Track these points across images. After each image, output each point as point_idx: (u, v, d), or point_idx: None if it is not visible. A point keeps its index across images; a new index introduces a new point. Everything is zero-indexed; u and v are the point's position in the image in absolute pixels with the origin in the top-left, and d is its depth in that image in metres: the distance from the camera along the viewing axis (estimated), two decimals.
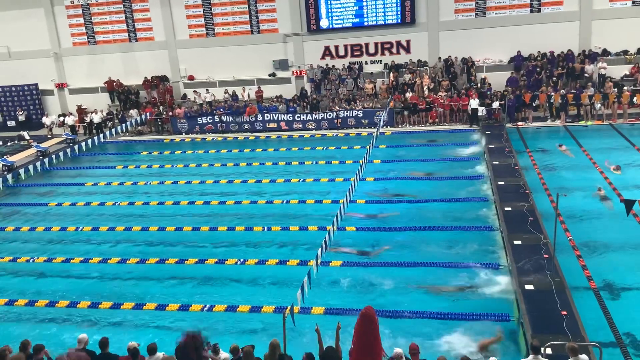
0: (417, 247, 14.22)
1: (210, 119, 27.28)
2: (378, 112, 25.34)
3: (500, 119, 24.23)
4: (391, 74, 27.62)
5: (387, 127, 25.22)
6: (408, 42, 27.95)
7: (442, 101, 25.38)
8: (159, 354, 8.28)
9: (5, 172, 22.66)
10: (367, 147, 19.74)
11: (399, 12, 27.44)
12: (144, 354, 8.38)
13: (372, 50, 28.41)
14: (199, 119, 27.43)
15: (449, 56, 27.21)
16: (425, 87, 26.59)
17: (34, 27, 30.47)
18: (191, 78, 30.26)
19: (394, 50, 28.21)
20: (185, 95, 29.93)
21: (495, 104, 24.37)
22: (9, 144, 27.95)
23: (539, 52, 26.42)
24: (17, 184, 22.15)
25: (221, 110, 27.39)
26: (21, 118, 31.12)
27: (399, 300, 11.81)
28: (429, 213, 16.08)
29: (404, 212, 16.32)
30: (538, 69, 25.88)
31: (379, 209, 16.78)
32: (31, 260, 15.00)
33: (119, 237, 16.30)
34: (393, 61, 27.97)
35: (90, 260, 14.65)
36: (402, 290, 12.28)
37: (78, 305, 12.54)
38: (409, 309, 11.27)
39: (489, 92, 24.99)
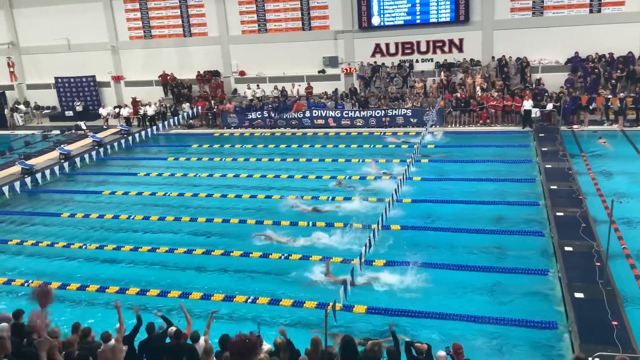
0: (463, 249, 13.99)
1: (259, 114, 27.60)
2: (427, 112, 25.05)
3: (555, 121, 23.54)
4: (442, 72, 27.24)
5: (436, 126, 24.90)
6: (461, 40, 27.48)
7: (494, 103, 24.85)
8: (201, 341, 8.44)
9: (62, 161, 23.55)
10: (415, 146, 19.59)
11: (452, 10, 27.00)
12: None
13: (423, 48, 28.07)
14: (248, 113, 27.79)
15: (503, 56, 26.61)
16: (477, 87, 26.10)
17: (92, 21, 31.49)
18: (242, 73, 30.66)
19: (446, 48, 27.79)
20: (235, 90, 30.36)
21: (550, 106, 23.68)
22: (66, 133, 29.00)
23: (597, 53, 25.50)
24: (73, 172, 23.03)
25: (270, 106, 27.66)
26: (79, 109, 32.23)
27: (442, 302, 11.64)
28: (476, 215, 15.79)
29: (450, 214, 16.09)
30: (596, 71, 24.99)
31: (426, 208, 16.59)
32: (84, 247, 15.54)
33: (168, 227, 16.69)
34: (445, 60, 27.57)
35: (139, 249, 15.07)
36: (445, 293, 12.10)
37: (127, 291, 12.93)
38: (452, 312, 11.11)
39: (545, 94, 24.30)
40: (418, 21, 27.70)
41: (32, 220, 18.25)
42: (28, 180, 21.12)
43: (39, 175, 21.61)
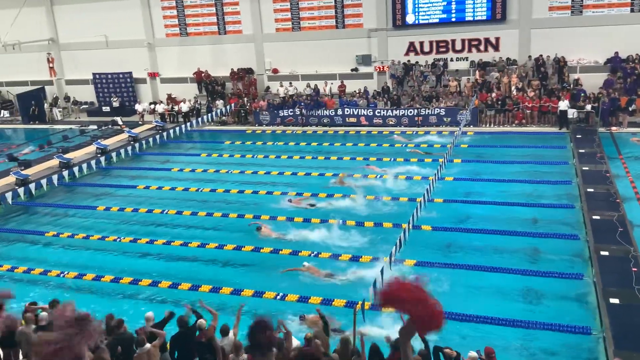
0: (496, 251, 13.79)
1: (291, 112, 27.70)
2: (461, 111, 24.75)
3: (593, 122, 22.98)
4: (477, 71, 26.87)
5: (470, 126, 24.59)
6: (497, 39, 27.05)
7: (530, 103, 24.41)
8: (231, 335, 8.52)
9: (99, 155, 24.07)
10: (448, 145, 19.38)
11: (489, 8, 26.59)
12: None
13: (458, 46, 27.74)
14: (280, 111, 27.92)
15: (540, 55, 26.09)
16: (513, 87, 25.67)
17: (130, 18, 32.05)
18: (275, 71, 30.81)
19: (481, 47, 27.40)
20: (268, 88, 30.53)
21: (588, 107, 23.13)
22: (103, 128, 29.61)
23: (638, 54, 24.75)
24: (109, 167, 23.51)
25: (302, 105, 27.73)
26: (115, 104, 32.89)
27: (472, 304, 11.50)
28: (510, 217, 15.55)
29: (483, 215, 15.88)
30: (636, 72, 24.28)
31: (458, 209, 16.41)
32: (118, 240, 15.86)
33: (200, 222, 16.90)
34: (480, 59, 27.18)
35: (172, 243, 15.29)
36: (476, 295, 11.97)
37: (159, 284, 13.15)
38: (483, 315, 10.96)
39: (583, 95, 23.74)
40: (453, 19, 27.36)
41: (68, 212, 18.71)
42: (65, 173, 21.64)
43: (76, 169, 22.13)
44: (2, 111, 34.18)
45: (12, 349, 8.83)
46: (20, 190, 19.86)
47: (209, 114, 28.35)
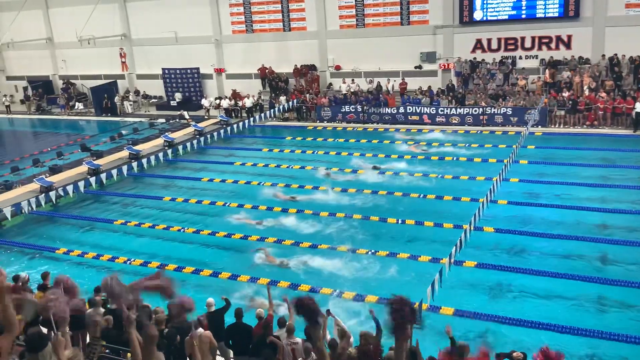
0: (561, 257, 13.30)
1: (352, 109, 27.65)
2: (530, 110, 23.95)
3: None
4: (547, 70, 25.92)
5: (538, 126, 23.76)
6: (569, 37, 25.99)
7: (602, 104, 23.33)
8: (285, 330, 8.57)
9: (166, 147, 24.87)
10: (514, 146, 18.83)
11: (561, 5, 25.57)
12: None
13: (528, 44, 26.84)
14: (342, 108, 27.93)
15: (615, 54, 24.86)
16: (585, 87, 24.60)
17: (198, 15, 32.88)
18: (338, 68, 30.84)
19: (552, 45, 26.40)
20: (330, 84, 30.60)
21: None
22: (170, 121, 30.56)
23: None
24: (176, 159, 24.26)
25: (365, 102, 27.63)
26: (178, 99, 33.74)
27: (534, 311, 11.16)
28: (578, 221, 14.95)
29: (549, 218, 15.34)
30: None
31: (522, 211, 15.92)
32: (182, 230, 16.32)
33: (261, 215, 17.15)
34: (551, 57, 26.20)
35: (232, 236, 15.59)
36: (539, 301, 11.58)
37: (219, 275, 13.45)
38: (547, 321, 10.60)
39: None
40: (523, 16, 26.49)
41: (136, 202, 19.43)
42: (135, 164, 22.50)
43: (144, 160, 22.96)
44: (77, 103, 35.88)
45: (80, 331, 9.24)
46: (92, 180, 20.80)
47: (272, 110, 28.73)
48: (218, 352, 8.86)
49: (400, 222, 15.63)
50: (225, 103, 31.24)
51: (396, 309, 5.13)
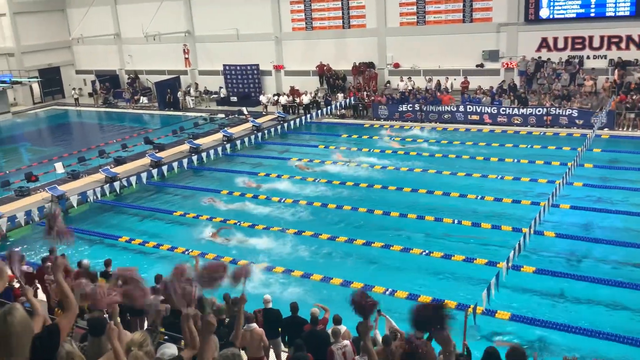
0: (622, 264, 12.74)
1: (410, 107, 27.34)
2: (596, 112, 23.00)
3: None
4: (616, 71, 24.81)
5: (605, 129, 22.79)
6: None
7: None
8: (342, 327, 8.58)
9: (225, 142, 25.36)
10: (579, 149, 18.17)
11: (633, 3, 24.40)
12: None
13: (596, 44, 25.77)
14: (399, 106, 27.66)
15: None
16: None
17: (259, 13, 33.31)
18: (396, 65, 30.56)
19: (622, 45, 25.24)
20: (388, 82, 30.37)
21: None
22: (229, 117, 31.12)
23: None
24: (234, 154, 24.70)
25: (423, 100, 27.28)
26: (222, 95, 34.29)
27: (590, 318, 10.77)
28: None
29: (611, 225, 14.73)
30: None
31: (584, 217, 15.33)
32: (238, 224, 16.58)
33: (315, 211, 17.22)
34: (620, 57, 25.05)
35: (287, 231, 15.72)
36: (597, 309, 11.15)
37: (273, 269, 13.56)
38: (604, 330, 10.18)
39: None
40: (592, 14, 25.46)
41: (195, 195, 19.89)
42: (194, 157, 23.06)
43: (204, 154, 23.49)
44: (142, 97, 37.10)
45: (139, 317, 9.56)
46: (154, 171, 21.47)
47: (328, 107, 28.79)
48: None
49: (456, 222, 15.36)
50: (283, 99, 31.54)
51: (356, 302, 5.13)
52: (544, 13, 26.35)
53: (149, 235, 16.51)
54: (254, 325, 8.45)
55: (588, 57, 26.06)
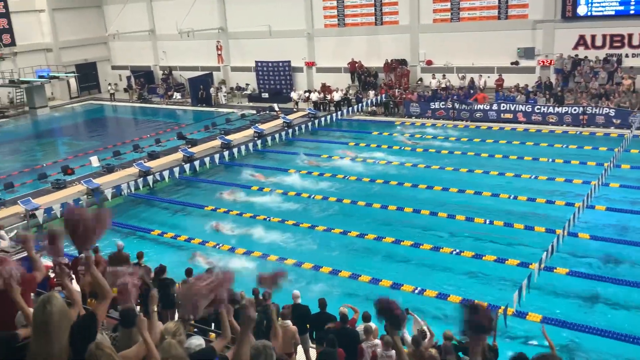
0: None
1: (442, 105, 27.06)
2: (634, 112, 22.39)
3: None
4: None
5: None
6: None
7: None
8: (372, 324, 8.57)
9: (256, 138, 25.52)
10: (616, 149, 17.74)
11: None
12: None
13: (635, 41, 25.06)
14: (431, 103, 27.40)
15: None
16: None
17: (292, 9, 33.36)
18: (429, 63, 30.27)
19: None
20: (420, 79, 30.10)
21: None
22: (260, 113, 31.31)
23: None
24: (264, 149, 24.84)
25: (455, 97, 26.97)
26: (264, 95, 34.46)
27: (624, 323, 10.51)
28: None
29: None
30: None
31: (621, 219, 14.96)
32: (267, 219, 16.68)
33: (344, 208, 17.21)
34: None
35: (316, 227, 15.76)
36: (631, 313, 10.89)
37: (321, 269, 13.48)
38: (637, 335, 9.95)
39: None
40: (632, 12, 24.76)
41: (225, 189, 20.05)
42: (226, 153, 23.27)
43: (235, 150, 23.69)
44: (175, 93, 37.59)
45: (170, 310, 9.72)
46: (187, 166, 21.76)
47: (359, 104, 28.69)
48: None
49: (487, 222, 15.16)
50: (314, 96, 31.56)
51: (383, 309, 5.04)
52: (581, 10, 25.75)
53: (180, 229, 16.74)
54: (289, 322, 8.51)
55: (627, 56, 25.38)
